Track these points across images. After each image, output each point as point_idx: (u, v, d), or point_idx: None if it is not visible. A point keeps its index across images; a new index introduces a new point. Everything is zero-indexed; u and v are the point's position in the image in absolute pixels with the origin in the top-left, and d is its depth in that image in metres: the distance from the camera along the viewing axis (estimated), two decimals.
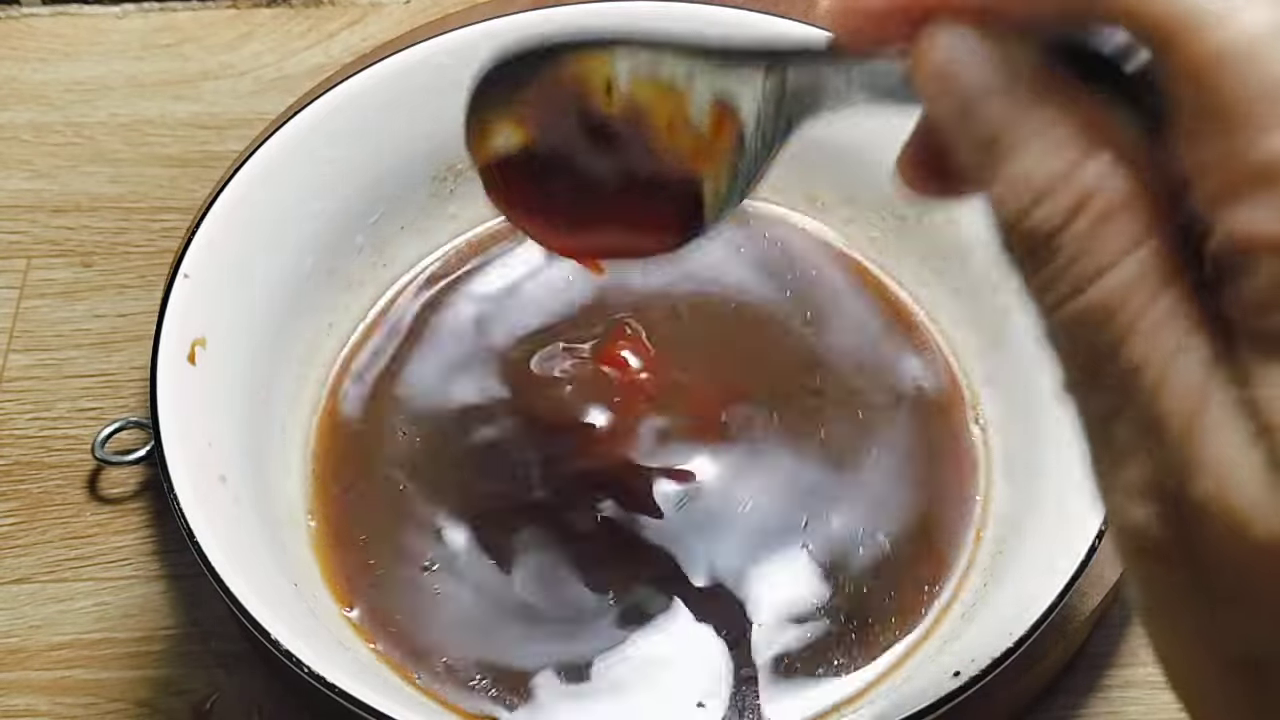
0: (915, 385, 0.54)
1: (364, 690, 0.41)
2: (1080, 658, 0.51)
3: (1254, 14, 0.24)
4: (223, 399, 0.48)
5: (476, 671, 0.47)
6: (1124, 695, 0.51)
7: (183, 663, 0.51)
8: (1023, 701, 0.50)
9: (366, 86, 0.53)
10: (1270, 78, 0.24)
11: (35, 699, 0.51)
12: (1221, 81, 0.24)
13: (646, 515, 0.50)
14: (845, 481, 0.51)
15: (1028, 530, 0.47)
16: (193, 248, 0.49)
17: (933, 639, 0.48)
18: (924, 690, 0.42)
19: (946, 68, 0.28)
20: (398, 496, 0.51)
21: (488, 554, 0.49)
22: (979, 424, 0.53)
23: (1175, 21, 0.25)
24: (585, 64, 0.37)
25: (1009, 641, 0.42)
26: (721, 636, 0.48)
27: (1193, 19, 0.24)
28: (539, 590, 0.49)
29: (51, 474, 0.56)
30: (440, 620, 0.48)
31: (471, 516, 0.50)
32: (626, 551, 0.49)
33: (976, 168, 0.27)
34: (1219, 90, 0.24)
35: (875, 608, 0.49)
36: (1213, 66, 0.24)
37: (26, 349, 0.59)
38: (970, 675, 0.41)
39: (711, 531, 0.50)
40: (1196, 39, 0.24)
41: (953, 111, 0.28)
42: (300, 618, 0.44)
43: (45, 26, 0.70)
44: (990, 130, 0.27)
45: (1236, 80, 0.24)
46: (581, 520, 0.50)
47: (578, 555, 0.49)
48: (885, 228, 0.56)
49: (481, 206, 0.59)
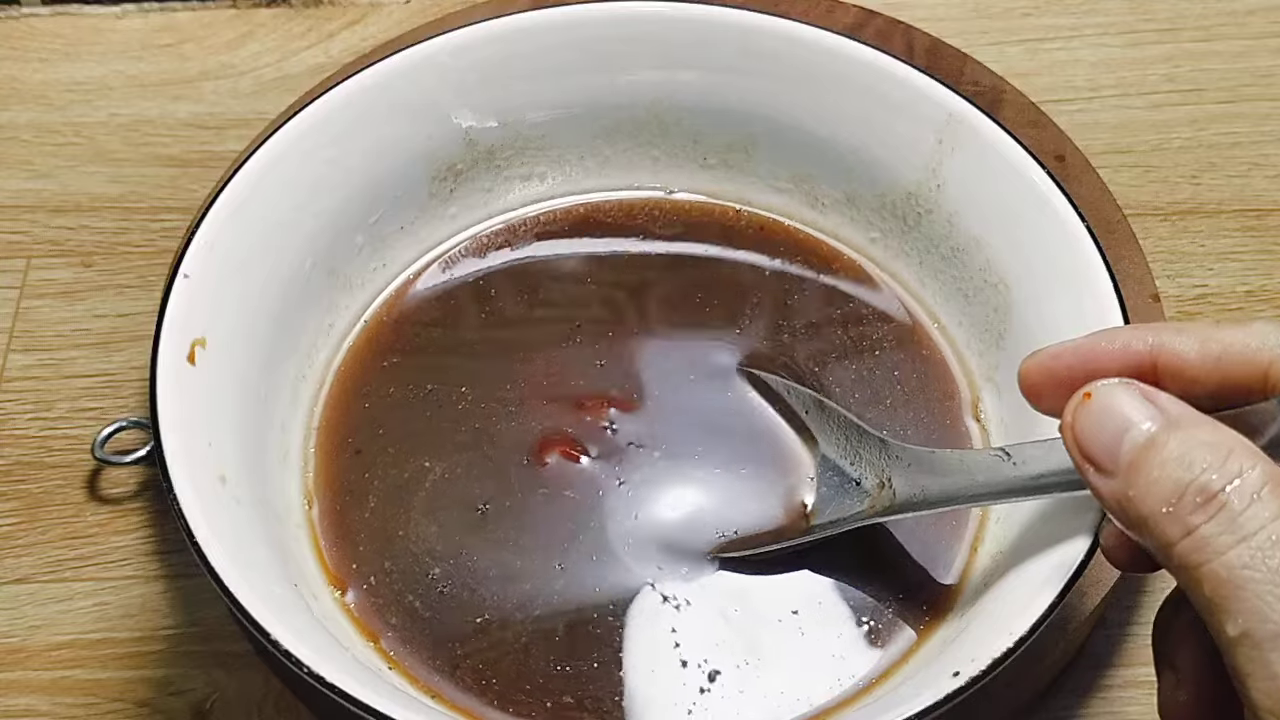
0: (915, 385, 0.54)
1: (364, 690, 0.41)
2: (1080, 658, 0.51)
3: None
4: (223, 399, 0.48)
5: (478, 671, 0.47)
6: (1124, 695, 0.51)
7: (183, 663, 0.51)
8: (1023, 701, 0.50)
9: (366, 86, 0.53)
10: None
11: (35, 699, 0.51)
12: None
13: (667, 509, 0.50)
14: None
15: (1027, 530, 0.47)
16: (193, 248, 0.49)
17: (933, 639, 0.48)
18: (924, 690, 0.41)
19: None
20: (398, 496, 0.51)
21: (490, 554, 0.49)
22: (979, 423, 0.53)
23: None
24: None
25: (1009, 641, 0.42)
26: (719, 636, 0.48)
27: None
28: (543, 588, 0.49)
29: (51, 474, 0.56)
30: (442, 620, 0.48)
31: (473, 515, 0.50)
32: (628, 550, 0.49)
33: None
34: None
35: (874, 607, 0.49)
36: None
37: (26, 349, 0.59)
38: (970, 675, 0.41)
39: (713, 529, 0.50)
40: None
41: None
42: (300, 618, 0.44)
43: (45, 26, 0.70)
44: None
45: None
46: (592, 513, 0.50)
47: (590, 549, 0.49)
48: (885, 228, 0.56)
49: (481, 207, 0.59)
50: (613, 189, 0.58)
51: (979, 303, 0.53)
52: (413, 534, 0.50)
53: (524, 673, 0.47)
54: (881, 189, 0.56)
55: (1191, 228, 0.62)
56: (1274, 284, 0.60)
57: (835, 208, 0.57)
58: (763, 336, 0.55)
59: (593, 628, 0.48)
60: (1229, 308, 0.59)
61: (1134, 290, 0.55)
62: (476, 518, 0.50)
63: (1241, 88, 0.67)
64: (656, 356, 0.54)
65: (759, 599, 0.49)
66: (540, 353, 0.54)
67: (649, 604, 0.48)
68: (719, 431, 0.52)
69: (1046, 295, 0.50)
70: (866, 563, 0.49)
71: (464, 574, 0.49)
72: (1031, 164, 0.51)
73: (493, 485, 0.51)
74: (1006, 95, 0.62)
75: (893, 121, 0.54)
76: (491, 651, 0.48)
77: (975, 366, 0.54)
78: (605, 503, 0.50)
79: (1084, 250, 0.49)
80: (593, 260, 0.57)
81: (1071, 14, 0.69)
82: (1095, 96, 0.66)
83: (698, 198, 0.58)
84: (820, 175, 0.57)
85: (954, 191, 0.53)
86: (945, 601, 0.49)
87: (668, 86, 0.56)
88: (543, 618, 0.48)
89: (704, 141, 0.57)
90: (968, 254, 0.53)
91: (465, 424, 0.52)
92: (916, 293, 0.56)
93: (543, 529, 0.50)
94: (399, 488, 0.51)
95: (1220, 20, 0.69)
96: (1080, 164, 0.60)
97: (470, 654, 0.48)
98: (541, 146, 0.57)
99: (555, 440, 0.51)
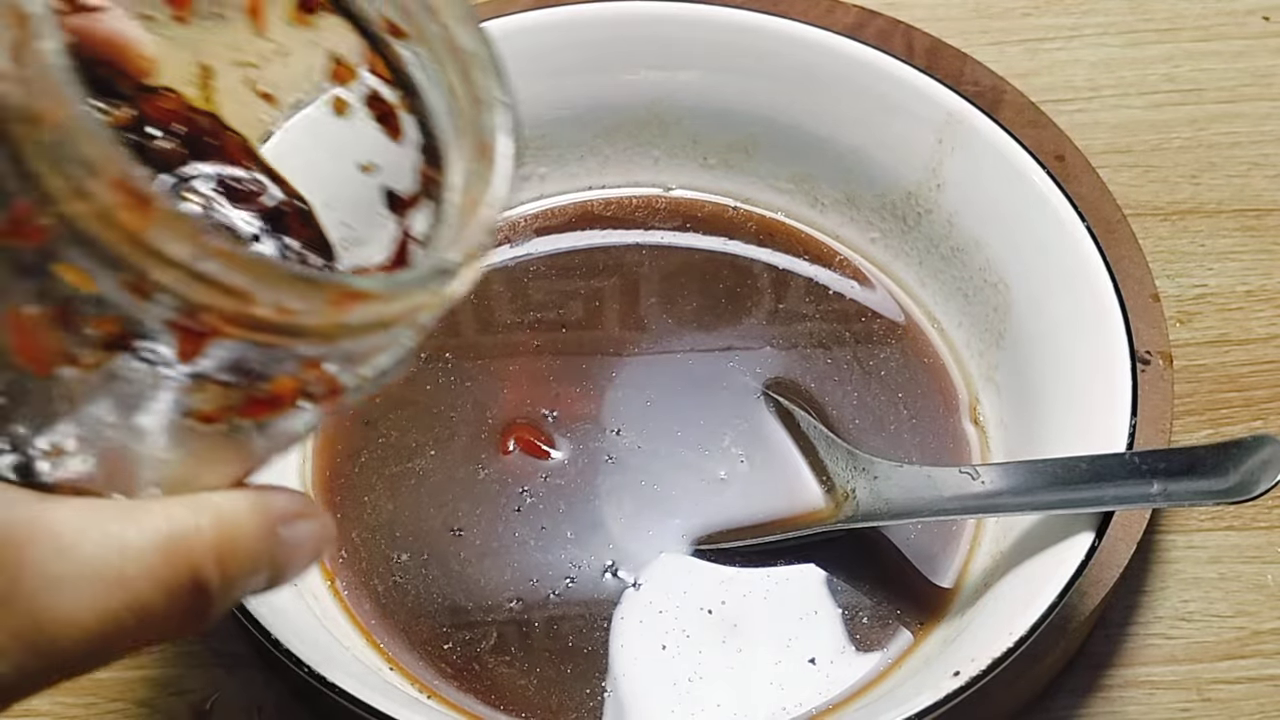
0: (915, 385, 0.54)
1: (364, 690, 0.41)
2: (1080, 658, 0.51)
3: None
4: None
5: (480, 671, 0.47)
6: (1124, 695, 0.51)
7: (183, 663, 0.51)
8: (1023, 701, 0.50)
9: None
10: None
11: (35, 699, 0.51)
12: None
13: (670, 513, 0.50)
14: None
15: (1027, 530, 0.47)
16: None
17: (931, 639, 0.48)
18: (924, 690, 0.42)
19: None
20: (398, 495, 0.51)
21: (491, 555, 0.49)
22: (978, 424, 0.53)
23: None
24: None
25: (1009, 641, 0.42)
26: (716, 635, 0.48)
27: None
28: (543, 586, 0.49)
29: None
30: (443, 620, 0.48)
31: (474, 514, 0.50)
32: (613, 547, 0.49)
33: None
34: None
35: (874, 606, 0.49)
36: None
37: None
38: (970, 675, 0.41)
39: (715, 526, 0.50)
40: None
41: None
42: (300, 617, 0.44)
43: None
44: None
45: None
46: (588, 509, 0.50)
47: (587, 549, 0.49)
48: (885, 228, 0.56)
49: None
50: (613, 188, 0.58)
51: (979, 302, 0.53)
52: (415, 534, 0.50)
53: (519, 670, 0.47)
54: (881, 189, 0.56)
55: (1191, 228, 0.62)
56: (1274, 284, 0.60)
57: (835, 208, 0.57)
58: (757, 337, 0.55)
59: (587, 625, 0.48)
60: (1229, 308, 0.59)
61: (1134, 290, 0.55)
62: (480, 514, 0.50)
63: (1241, 88, 0.67)
64: (647, 353, 0.54)
65: (754, 597, 0.49)
66: (532, 348, 0.54)
67: (640, 601, 0.48)
68: (704, 429, 0.52)
69: (1046, 295, 0.50)
70: (864, 561, 0.49)
71: (466, 573, 0.49)
72: (1031, 164, 0.51)
73: (482, 478, 0.51)
74: (1006, 95, 0.62)
75: (892, 121, 0.54)
76: (494, 652, 0.48)
77: (974, 368, 0.54)
78: (591, 497, 0.50)
79: (1084, 250, 0.49)
80: (590, 256, 0.57)
81: (1071, 14, 0.69)
82: (1095, 96, 0.66)
83: (697, 196, 0.58)
84: (820, 175, 0.57)
85: (954, 191, 0.53)
86: (943, 601, 0.49)
87: (668, 86, 0.56)
88: (533, 614, 0.48)
89: (704, 141, 0.57)
90: (967, 254, 0.53)
91: (460, 417, 0.52)
92: (916, 293, 0.56)
93: (531, 525, 0.50)
94: (400, 487, 0.51)
95: (1220, 20, 0.69)
96: (1080, 164, 0.60)
97: (472, 653, 0.48)
98: (542, 146, 0.57)
99: (526, 431, 0.51)
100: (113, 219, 0.25)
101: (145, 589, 0.28)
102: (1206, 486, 0.44)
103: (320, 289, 0.26)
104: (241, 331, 0.26)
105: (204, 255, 0.25)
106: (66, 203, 0.25)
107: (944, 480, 0.46)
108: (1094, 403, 0.47)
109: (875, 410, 0.53)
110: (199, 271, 0.25)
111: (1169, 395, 0.53)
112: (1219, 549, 0.53)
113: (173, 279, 0.25)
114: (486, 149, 0.30)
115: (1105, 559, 0.49)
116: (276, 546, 0.30)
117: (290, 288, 0.26)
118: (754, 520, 0.50)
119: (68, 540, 0.28)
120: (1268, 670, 0.51)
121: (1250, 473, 0.43)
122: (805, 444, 0.51)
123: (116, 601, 0.28)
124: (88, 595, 0.28)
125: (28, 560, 0.27)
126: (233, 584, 0.30)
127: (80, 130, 0.25)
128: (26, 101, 0.25)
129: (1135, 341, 0.47)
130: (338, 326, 0.27)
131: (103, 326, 0.26)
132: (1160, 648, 0.51)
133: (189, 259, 0.25)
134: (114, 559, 0.28)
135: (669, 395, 0.53)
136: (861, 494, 0.48)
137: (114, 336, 0.26)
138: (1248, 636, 0.52)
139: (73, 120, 0.25)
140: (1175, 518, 0.54)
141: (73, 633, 0.28)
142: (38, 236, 0.25)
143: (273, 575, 0.31)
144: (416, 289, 0.28)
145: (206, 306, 0.26)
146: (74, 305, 0.26)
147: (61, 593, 0.28)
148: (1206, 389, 0.57)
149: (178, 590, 0.29)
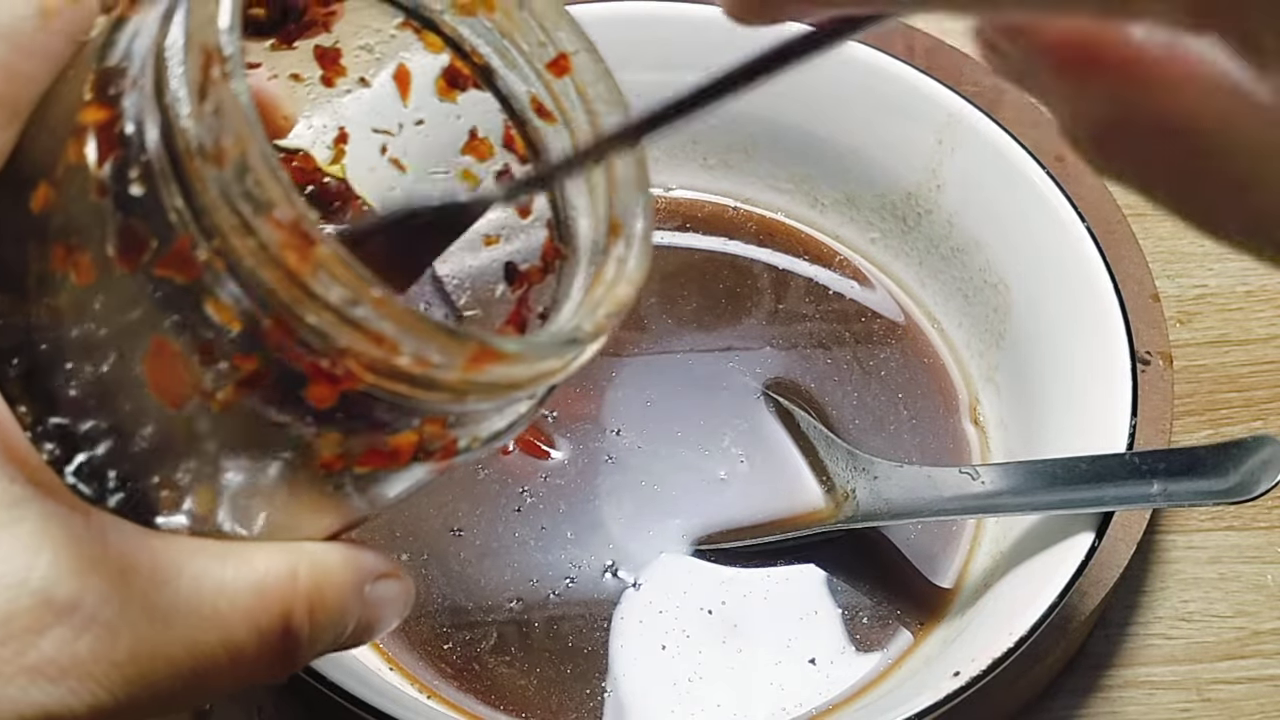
0: (915, 385, 0.54)
1: (364, 690, 0.41)
2: (1080, 658, 0.51)
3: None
4: None
5: (480, 671, 0.47)
6: (1124, 695, 0.51)
7: None
8: (1023, 701, 0.50)
9: None
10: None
11: None
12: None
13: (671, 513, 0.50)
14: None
15: (1027, 530, 0.47)
16: None
17: (933, 639, 0.48)
18: (924, 690, 0.42)
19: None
20: None
21: (491, 555, 0.49)
22: (978, 424, 0.53)
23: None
24: None
25: (1009, 641, 0.42)
26: (716, 636, 0.48)
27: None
28: (543, 586, 0.49)
29: None
30: (443, 620, 0.48)
31: (473, 514, 0.50)
32: (612, 547, 0.49)
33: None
34: None
35: (874, 607, 0.49)
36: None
37: None
38: (970, 675, 0.41)
39: (715, 526, 0.50)
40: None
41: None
42: None
43: None
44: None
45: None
46: (588, 509, 0.50)
47: (587, 549, 0.49)
48: (885, 228, 0.56)
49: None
50: None
51: (979, 303, 0.53)
52: (414, 534, 0.50)
53: (519, 670, 0.47)
54: (881, 189, 0.55)
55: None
56: (1274, 284, 0.60)
57: (835, 208, 0.57)
58: (756, 337, 0.55)
59: (587, 625, 0.48)
60: (1229, 308, 0.59)
61: (1134, 290, 0.55)
62: (479, 514, 0.50)
63: None
64: (647, 353, 0.54)
65: (754, 598, 0.49)
66: None
67: (640, 602, 0.49)
68: (704, 429, 0.52)
69: (1046, 296, 0.50)
70: (864, 561, 0.49)
71: (466, 573, 0.49)
72: (1031, 164, 0.51)
73: (482, 478, 0.51)
74: (1006, 95, 0.62)
75: (892, 122, 0.54)
76: (494, 652, 0.48)
77: (974, 368, 0.54)
78: (591, 497, 0.50)
79: (1084, 250, 0.49)
80: None
81: None
82: None
83: (697, 196, 0.58)
84: (820, 175, 0.57)
85: (954, 192, 0.53)
86: (944, 601, 0.49)
87: (668, 87, 0.56)
88: (533, 614, 0.48)
89: (704, 141, 0.57)
90: (967, 254, 0.53)
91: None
92: (916, 293, 0.56)
93: (531, 525, 0.50)
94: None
95: None
96: (1080, 164, 0.60)
97: (471, 653, 0.48)
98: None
99: (526, 431, 0.51)
100: (275, 257, 0.25)
101: (239, 629, 0.29)
102: (1206, 487, 0.44)
103: (463, 344, 0.26)
104: (377, 379, 0.26)
105: (359, 300, 0.25)
106: (233, 238, 0.25)
107: (944, 480, 0.46)
108: (1094, 403, 0.47)
109: (875, 410, 0.53)
110: (351, 316, 0.25)
111: (1169, 395, 0.53)
112: (1219, 549, 0.53)
113: (324, 321, 0.26)
114: (619, 228, 0.31)
115: (1105, 559, 0.49)
116: (364, 603, 0.31)
117: (434, 340, 0.26)
118: (754, 520, 0.50)
119: (169, 574, 0.28)
120: (1268, 670, 0.51)
121: (1250, 473, 0.43)
122: (805, 444, 0.51)
123: (212, 638, 0.28)
124: (183, 630, 0.28)
125: (130, 591, 0.28)
126: (321, 633, 0.30)
127: (261, 169, 0.25)
128: (208, 138, 0.25)
129: (1135, 342, 0.47)
130: (470, 384, 0.27)
131: (241, 365, 0.26)
132: (1160, 648, 0.51)
133: (343, 303, 0.25)
134: (211, 597, 0.28)
135: (669, 395, 0.53)
136: (861, 494, 0.48)
137: (249, 376, 0.26)
138: (1248, 636, 0.52)
139: (255, 159, 0.25)
140: (1175, 518, 0.54)
141: (167, 666, 0.28)
142: (195, 272, 0.26)
143: (357, 630, 0.31)
144: (551, 355, 0.28)
145: (350, 352, 0.26)
146: (217, 342, 0.26)
147: (159, 625, 0.28)
148: (1206, 389, 0.57)
149: (269, 633, 0.29)
